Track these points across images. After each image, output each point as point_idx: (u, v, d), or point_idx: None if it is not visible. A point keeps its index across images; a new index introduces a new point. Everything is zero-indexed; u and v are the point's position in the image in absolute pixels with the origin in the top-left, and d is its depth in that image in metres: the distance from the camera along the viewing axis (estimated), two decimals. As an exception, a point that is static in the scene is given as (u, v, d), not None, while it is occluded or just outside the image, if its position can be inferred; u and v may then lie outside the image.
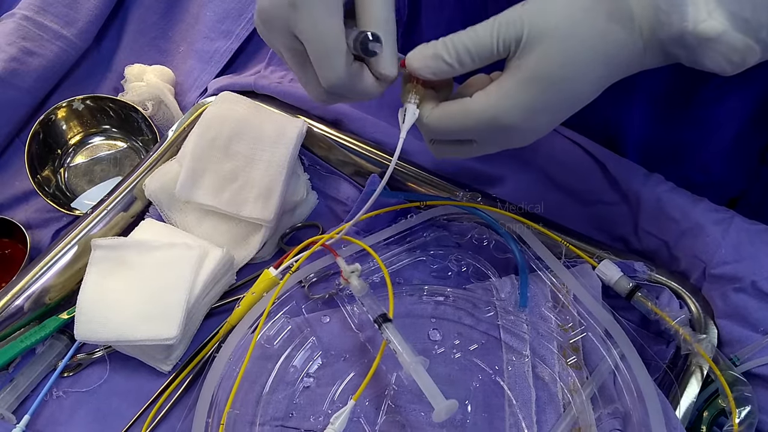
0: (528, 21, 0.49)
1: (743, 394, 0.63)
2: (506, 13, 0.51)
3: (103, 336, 0.69)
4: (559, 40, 0.49)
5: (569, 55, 0.49)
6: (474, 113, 0.52)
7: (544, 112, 0.52)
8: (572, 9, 0.49)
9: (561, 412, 0.62)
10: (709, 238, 0.70)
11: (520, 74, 0.50)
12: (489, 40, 0.50)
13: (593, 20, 0.49)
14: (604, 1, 0.49)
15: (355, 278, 0.67)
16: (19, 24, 0.91)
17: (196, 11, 0.98)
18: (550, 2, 0.50)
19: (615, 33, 0.49)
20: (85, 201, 0.89)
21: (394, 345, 0.61)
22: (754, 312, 0.67)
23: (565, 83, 0.51)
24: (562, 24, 0.49)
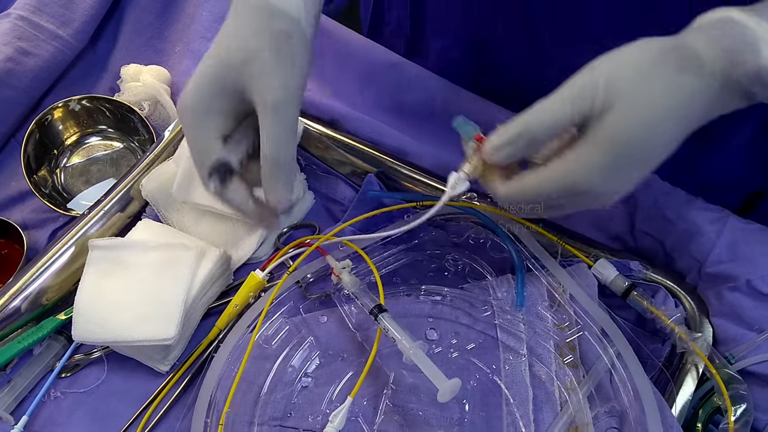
0: (601, 87, 0.49)
1: (739, 392, 0.63)
2: (577, 81, 0.50)
3: (101, 336, 0.70)
4: (633, 101, 0.49)
5: (645, 115, 0.49)
6: (552, 182, 0.52)
7: (625, 173, 0.51)
8: (641, 68, 0.49)
9: (558, 411, 0.63)
10: (704, 237, 0.71)
11: (596, 140, 0.50)
12: (562, 114, 0.50)
13: (664, 75, 0.49)
14: (672, 53, 0.49)
15: (346, 274, 0.67)
16: (14, 24, 0.90)
17: (192, 11, 0.98)
18: (618, 63, 0.50)
19: (688, 83, 0.49)
20: (82, 201, 0.89)
21: (392, 333, 0.62)
22: (749, 311, 0.67)
23: (644, 142, 0.50)
24: (634, 85, 0.49)
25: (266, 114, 0.54)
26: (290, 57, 0.55)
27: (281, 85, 0.54)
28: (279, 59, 0.54)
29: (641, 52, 0.50)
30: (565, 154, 0.52)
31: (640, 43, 0.51)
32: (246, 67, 0.54)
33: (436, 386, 0.57)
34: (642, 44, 0.51)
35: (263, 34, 0.55)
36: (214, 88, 0.55)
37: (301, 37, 0.57)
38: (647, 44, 0.51)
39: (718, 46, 0.49)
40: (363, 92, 0.89)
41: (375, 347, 0.63)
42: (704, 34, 0.50)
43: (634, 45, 0.51)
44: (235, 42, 0.55)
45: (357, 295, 0.66)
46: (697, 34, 0.51)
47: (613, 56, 0.51)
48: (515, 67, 0.84)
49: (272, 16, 0.55)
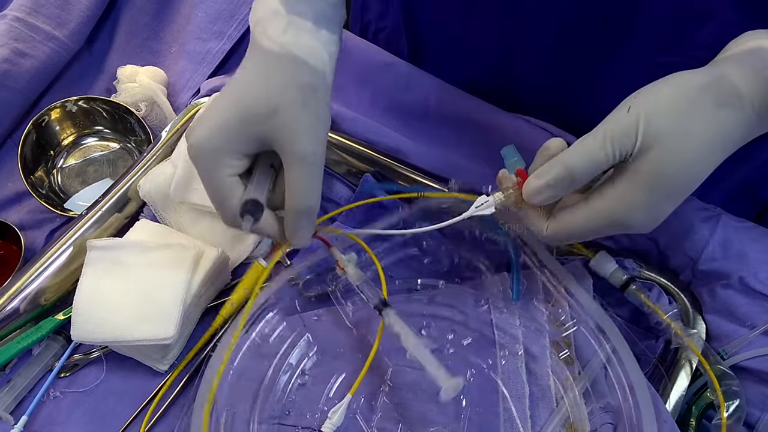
0: (641, 128, 0.49)
1: (731, 388, 0.64)
2: (615, 122, 0.51)
3: (100, 336, 0.70)
4: (673, 140, 0.49)
5: (686, 152, 0.50)
6: (597, 222, 0.53)
7: (665, 206, 0.53)
8: (680, 106, 0.50)
9: (554, 407, 0.63)
10: (698, 235, 0.72)
11: (638, 178, 0.51)
12: (603, 155, 0.51)
13: (703, 112, 0.49)
14: (709, 89, 0.50)
15: (352, 267, 0.68)
16: (10, 25, 0.90)
17: (188, 12, 0.98)
18: (655, 101, 0.50)
19: (727, 117, 0.50)
20: (79, 202, 0.89)
21: (397, 328, 0.62)
22: (741, 307, 0.68)
23: (686, 177, 0.51)
24: (674, 123, 0.49)
25: (294, 166, 0.54)
26: (316, 110, 0.55)
27: (310, 139, 0.54)
28: (306, 113, 0.55)
29: (678, 89, 0.51)
30: (605, 190, 0.53)
31: (676, 78, 0.52)
32: (273, 119, 0.54)
33: (439, 384, 0.58)
34: (678, 80, 0.51)
35: (290, 87, 0.55)
36: (236, 133, 0.55)
37: (326, 89, 0.58)
38: (683, 79, 0.51)
39: (759, 77, 0.49)
40: (359, 92, 0.89)
41: (377, 343, 0.64)
42: (741, 64, 0.50)
43: (670, 81, 0.52)
44: (261, 93, 0.55)
45: (361, 289, 0.67)
46: (734, 65, 0.51)
47: (650, 94, 0.51)
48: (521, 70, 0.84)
49: (298, 68, 0.55)
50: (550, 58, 0.78)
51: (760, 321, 0.67)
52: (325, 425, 0.60)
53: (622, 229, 0.54)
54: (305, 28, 0.56)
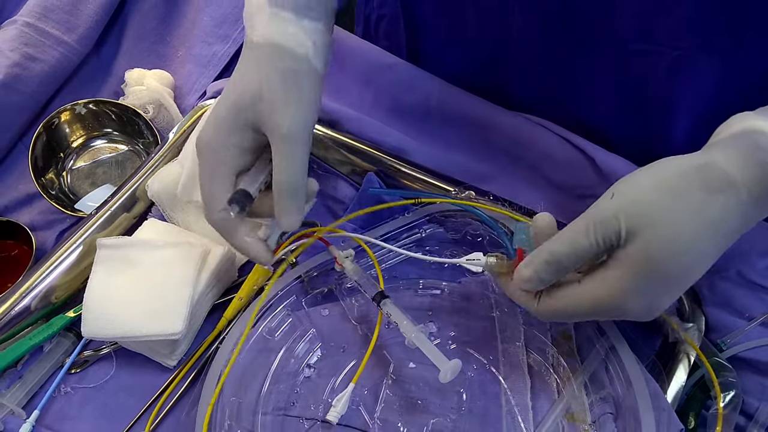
0: (623, 217, 0.49)
1: (728, 380, 0.65)
2: (598, 212, 0.51)
3: (110, 333, 0.71)
4: (659, 225, 0.49)
5: (671, 239, 0.49)
6: (586, 305, 0.53)
7: (662, 293, 0.52)
8: (662, 194, 0.49)
9: (555, 398, 0.65)
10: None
11: (625, 264, 0.50)
12: (587, 244, 0.50)
13: (687, 199, 0.49)
14: (695, 175, 0.49)
15: (349, 262, 0.69)
16: (21, 30, 0.92)
17: (194, 16, 1.00)
18: (635, 191, 0.50)
19: (718, 203, 0.48)
20: (88, 203, 0.90)
21: (395, 317, 0.64)
22: (740, 299, 0.69)
23: (676, 264, 0.50)
24: (658, 211, 0.49)
25: (278, 145, 0.57)
26: (298, 91, 0.58)
27: (291, 118, 0.57)
28: (288, 94, 0.57)
29: (659, 175, 0.51)
30: (596, 276, 0.52)
31: (659, 165, 0.52)
32: (258, 105, 0.57)
33: (438, 367, 0.59)
34: (660, 166, 0.51)
35: (273, 73, 0.58)
36: (230, 124, 0.58)
37: (310, 72, 0.60)
38: (665, 165, 0.51)
39: (746, 161, 0.48)
40: (361, 93, 0.91)
41: (376, 332, 0.65)
42: (728, 148, 0.50)
43: (652, 167, 0.52)
44: (249, 83, 0.58)
45: (360, 283, 0.68)
46: (721, 150, 0.50)
47: (631, 181, 0.51)
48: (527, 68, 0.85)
49: (279, 55, 0.59)
50: (537, 51, 0.79)
51: (758, 312, 0.68)
52: (330, 413, 0.62)
53: (617, 316, 0.53)
54: (286, 18, 0.60)
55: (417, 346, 0.61)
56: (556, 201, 0.81)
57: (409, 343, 0.62)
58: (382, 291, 0.66)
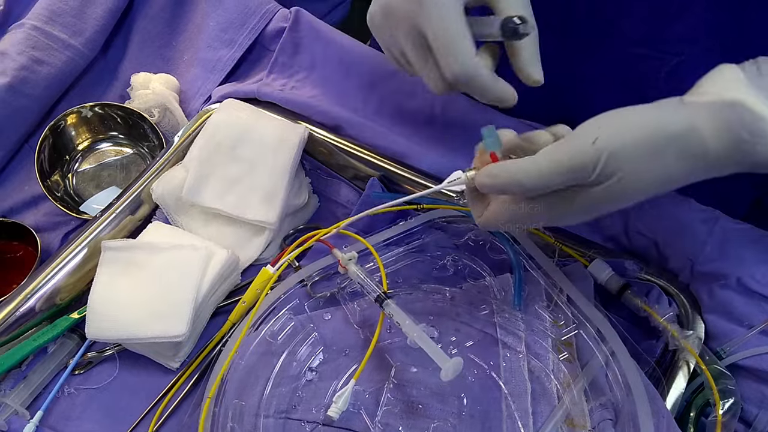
0: (601, 164, 0.50)
1: (727, 387, 0.65)
2: (577, 155, 0.51)
3: (114, 334, 0.72)
4: (628, 181, 0.50)
5: (636, 192, 0.51)
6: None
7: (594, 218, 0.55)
8: (644, 152, 0.50)
9: (555, 404, 0.65)
10: (696, 237, 0.73)
11: (583, 202, 0.52)
12: (558, 180, 0.51)
13: (664, 160, 0.50)
14: (678, 141, 0.50)
15: (353, 264, 0.70)
16: (28, 34, 0.93)
17: (200, 21, 1.01)
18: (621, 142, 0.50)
19: (687, 167, 0.51)
20: (93, 205, 0.91)
21: (397, 317, 0.64)
22: (739, 307, 0.69)
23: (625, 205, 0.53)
24: (633, 167, 0.50)
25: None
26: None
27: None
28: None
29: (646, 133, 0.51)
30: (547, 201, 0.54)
31: (646, 118, 0.52)
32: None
33: (439, 365, 0.60)
34: (648, 122, 0.51)
35: None
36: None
37: None
38: (654, 122, 0.51)
39: (729, 136, 0.49)
40: (366, 99, 0.91)
41: (377, 332, 0.66)
42: (715, 119, 0.50)
43: (640, 121, 0.52)
44: None
45: (362, 285, 0.68)
46: (708, 117, 0.51)
47: (617, 132, 0.51)
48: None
49: None
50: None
51: (757, 320, 0.68)
52: (331, 409, 0.62)
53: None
54: None
55: (419, 345, 0.62)
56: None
57: (411, 342, 0.62)
58: (385, 291, 0.67)
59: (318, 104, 0.90)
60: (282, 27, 0.96)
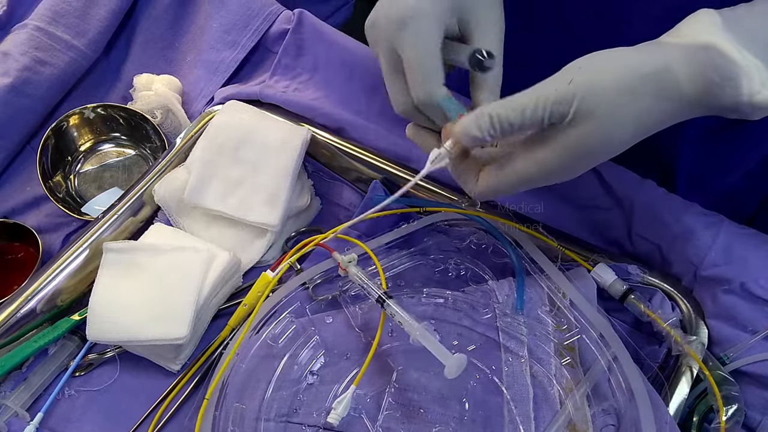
0: (577, 104, 0.51)
1: (731, 393, 0.65)
2: (553, 93, 0.52)
3: (115, 336, 0.72)
4: (604, 122, 0.51)
5: (613, 135, 0.52)
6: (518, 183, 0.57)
7: (581, 169, 0.56)
8: (619, 91, 0.51)
9: (557, 409, 0.65)
10: (700, 241, 0.73)
11: (563, 146, 0.53)
12: (533, 118, 0.52)
13: (639, 101, 0.51)
14: (651, 79, 0.51)
15: (353, 266, 0.70)
16: (31, 34, 0.93)
17: (203, 22, 1.01)
18: (598, 81, 0.51)
19: (660, 108, 0.52)
20: (95, 206, 0.91)
21: (399, 317, 0.64)
22: (743, 312, 0.69)
23: (607, 153, 0.54)
24: (609, 106, 0.51)
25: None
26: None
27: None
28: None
29: (622, 73, 0.51)
30: (530, 154, 0.55)
31: (622, 59, 0.53)
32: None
33: (442, 362, 0.60)
34: (623, 62, 0.52)
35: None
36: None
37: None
38: (628, 61, 0.52)
39: (701, 77, 0.50)
40: (369, 101, 0.91)
41: (378, 334, 0.66)
42: (689, 60, 0.51)
43: (615, 61, 0.53)
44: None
45: (363, 287, 0.68)
46: (684, 59, 0.51)
47: (593, 72, 0.52)
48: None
49: None
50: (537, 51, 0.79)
51: (761, 326, 0.68)
52: (331, 415, 0.62)
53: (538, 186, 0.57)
54: None
55: (421, 343, 0.62)
56: (560, 212, 0.81)
57: (413, 341, 0.62)
58: (386, 291, 0.67)
59: (321, 106, 0.90)
60: (285, 29, 0.96)
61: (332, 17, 1.41)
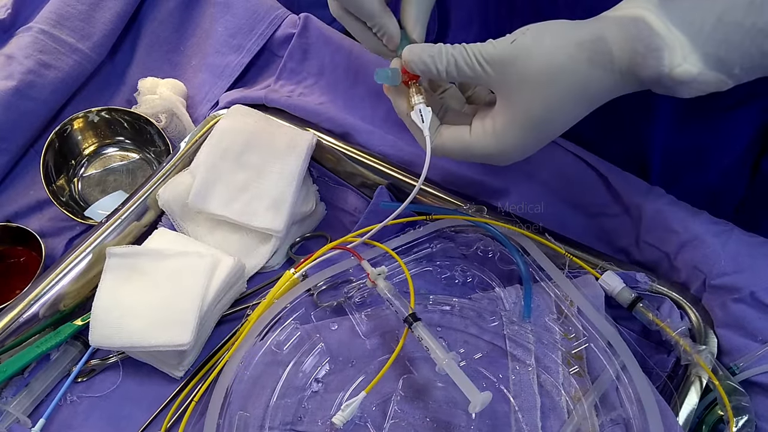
0: (519, 66, 0.55)
1: (741, 404, 0.64)
2: (496, 51, 0.56)
3: (117, 342, 0.71)
4: (544, 85, 0.55)
5: (554, 101, 0.55)
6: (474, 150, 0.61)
7: (532, 146, 0.60)
8: (557, 55, 0.54)
9: (565, 419, 0.64)
10: (709, 249, 0.72)
11: (510, 116, 0.57)
12: (471, 73, 0.57)
13: (576, 67, 0.54)
14: (586, 47, 0.54)
15: (382, 280, 0.69)
16: (36, 37, 0.93)
17: (208, 26, 1.00)
18: (538, 45, 0.55)
19: (596, 76, 0.54)
20: (98, 210, 0.91)
21: (426, 342, 0.63)
22: (753, 322, 0.68)
23: (550, 123, 0.57)
24: (547, 70, 0.54)
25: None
26: None
27: None
28: None
29: (560, 40, 0.54)
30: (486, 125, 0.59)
31: (561, 29, 0.56)
32: None
33: (468, 398, 0.59)
34: (562, 33, 0.55)
35: None
36: None
37: None
38: (567, 32, 0.55)
39: (629, 47, 0.52)
40: (374, 106, 0.91)
41: (399, 346, 0.65)
42: (620, 30, 0.53)
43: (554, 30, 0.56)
44: None
45: (391, 302, 0.67)
46: (616, 28, 0.54)
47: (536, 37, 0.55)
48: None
49: None
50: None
51: (772, 336, 0.67)
52: (337, 416, 0.61)
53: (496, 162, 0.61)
54: None
55: (448, 374, 0.61)
56: (567, 219, 0.80)
57: (439, 369, 0.61)
58: (414, 313, 0.65)
59: (326, 111, 0.89)
60: (291, 33, 0.95)
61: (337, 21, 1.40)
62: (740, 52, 0.51)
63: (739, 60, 0.51)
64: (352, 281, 0.75)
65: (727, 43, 0.50)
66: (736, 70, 0.51)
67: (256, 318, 0.72)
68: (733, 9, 0.50)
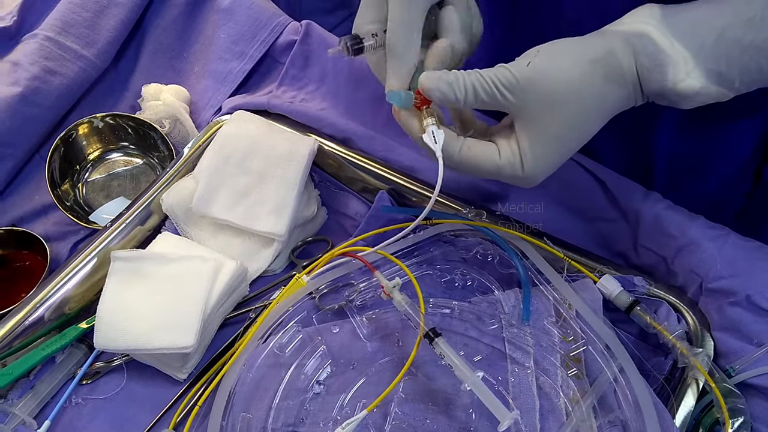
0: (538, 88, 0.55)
1: (737, 406, 0.65)
2: (514, 74, 0.55)
3: (122, 345, 0.72)
4: (564, 105, 0.55)
5: (575, 119, 0.56)
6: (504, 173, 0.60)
7: (556, 164, 0.60)
8: (574, 74, 0.55)
9: (563, 421, 0.64)
10: (706, 253, 0.73)
11: (534, 138, 0.57)
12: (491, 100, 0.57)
13: (592, 83, 0.55)
14: (600, 63, 0.54)
15: (397, 292, 0.69)
16: (41, 44, 0.94)
17: (211, 33, 1.01)
18: (554, 65, 0.55)
19: (611, 90, 0.55)
20: (102, 215, 0.91)
21: (449, 360, 0.63)
22: (749, 325, 0.69)
23: (573, 141, 0.58)
24: (566, 89, 0.55)
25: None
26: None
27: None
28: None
29: (574, 58, 0.55)
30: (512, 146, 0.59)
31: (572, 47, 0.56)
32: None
33: (497, 418, 0.59)
34: (574, 50, 0.56)
35: None
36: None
37: None
38: (579, 49, 0.56)
39: (636, 62, 0.54)
40: (375, 111, 0.91)
41: (412, 356, 0.64)
42: (628, 46, 0.55)
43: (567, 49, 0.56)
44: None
45: (409, 316, 0.68)
46: (623, 43, 0.55)
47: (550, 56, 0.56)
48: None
49: None
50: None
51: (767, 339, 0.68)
52: None
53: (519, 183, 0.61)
54: None
55: (474, 392, 0.61)
56: (566, 223, 0.81)
57: (463, 388, 0.62)
58: (435, 328, 0.65)
59: (328, 117, 0.90)
60: (292, 40, 0.96)
61: (339, 28, 1.41)
62: (740, 68, 0.52)
63: (739, 75, 0.52)
64: (353, 284, 0.76)
65: (727, 59, 0.52)
66: (736, 84, 0.53)
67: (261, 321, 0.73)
68: (732, 26, 0.51)
